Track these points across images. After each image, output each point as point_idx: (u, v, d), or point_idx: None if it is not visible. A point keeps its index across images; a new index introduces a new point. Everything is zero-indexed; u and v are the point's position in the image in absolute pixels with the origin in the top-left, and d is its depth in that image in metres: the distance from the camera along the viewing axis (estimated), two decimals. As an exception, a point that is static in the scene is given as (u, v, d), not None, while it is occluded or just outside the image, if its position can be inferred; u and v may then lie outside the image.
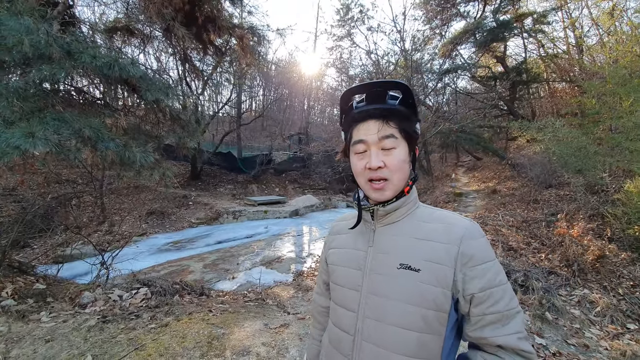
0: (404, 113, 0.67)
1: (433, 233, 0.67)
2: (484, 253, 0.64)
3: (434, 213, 0.72)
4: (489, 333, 0.62)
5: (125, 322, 2.41)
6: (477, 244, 0.65)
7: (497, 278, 0.63)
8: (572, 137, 5.07)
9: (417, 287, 0.63)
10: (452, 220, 0.69)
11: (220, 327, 2.41)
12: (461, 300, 0.63)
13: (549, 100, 13.56)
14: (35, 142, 1.74)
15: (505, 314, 0.62)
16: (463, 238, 0.64)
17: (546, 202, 6.68)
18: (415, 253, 0.66)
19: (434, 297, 0.62)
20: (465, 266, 0.63)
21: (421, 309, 0.62)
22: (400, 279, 0.65)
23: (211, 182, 14.62)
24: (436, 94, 13.49)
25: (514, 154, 11.64)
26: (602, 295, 3.45)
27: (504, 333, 0.61)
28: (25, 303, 2.63)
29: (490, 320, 0.62)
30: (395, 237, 0.70)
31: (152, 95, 2.41)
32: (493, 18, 11.33)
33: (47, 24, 2.07)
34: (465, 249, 0.63)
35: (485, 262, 0.63)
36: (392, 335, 0.63)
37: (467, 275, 0.62)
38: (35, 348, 2.07)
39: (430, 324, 0.62)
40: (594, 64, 9.47)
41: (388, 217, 0.71)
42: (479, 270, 0.62)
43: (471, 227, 0.67)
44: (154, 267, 6.22)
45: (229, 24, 4.00)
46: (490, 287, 0.62)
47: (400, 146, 0.67)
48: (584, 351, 2.68)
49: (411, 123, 0.69)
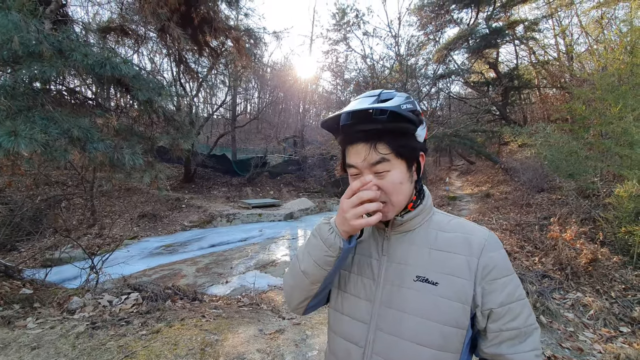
0: (396, 129, 0.61)
1: (452, 244, 0.64)
2: (504, 266, 0.62)
3: (451, 221, 0.69)
4: (506, 350, 0.59)
5: (115, 329, 2.34)
6: (498, 256, 0.62)
7: (516, 293, 0.61)
8: (562, 142, 5.16)
9: (435, 302, 0.60)
10: (471, 230, 0.66)
11: (214, 333, 2.35)
12: (479, 315, 0.61)
13: (540, 106, 13.82)
14: (18, 140, 1.67)
15: (524, 331, 0.60)
16: (484, 250, 0.62)
17: (539, 206, 6.77)
18: (433, 265, 0.63)
19: (453, 312, 0.59)
20: (484, 280, 0.60)
21: (440, 325, 0.59)
22: (417, 293, 0.62)
23: (205, 185, 14.47)
24: (430, 99, 13.64)
25: (507, 159, 11.82)
26: (595, 298, 3.48)
27: (521, 350, 0.59)
28: (11, 309, 2.54)
29: (507, 337, 0.60)
30: (411, 247, 0.66)
31: (145, 95, 2.35)
32: (486, 25, 11.55)
33: (38, 21, 2.02)
34: (486, 261, 0.61)
35: (505, 275, 0.61)
36: (407, 351, 0.60)
37: (486, 289, 0.60)
38: (20, 356, 1.99)
39: (448, 340, 0.59)
40: (584, 71, 9.69)
41: (404, 225, 0.68)
42: (499, 284, 0.60)
43: (491, 238, 0.64)
44: (145, 271, 6.09)
45: (225, 25, 3.98)
46: (510, 302, 0.60)
47: (395, 168, 0.62)
48: (578, 354, 2.69)
49: (407, 137, 0.63)
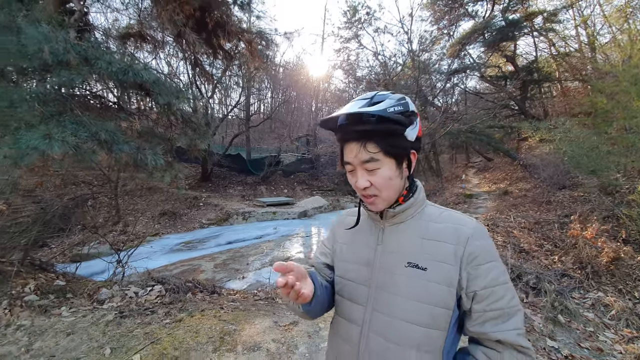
0: (385, 130, 0.67)
1: (440, 233, 0.70)
2: (489, 253, 0.67)
3: (442, 213, 0.75)
4: (489, 329, 0.65)
5: (141, 318, 2.50)
6: (483, 244, 0.67)
7: (499, 277, 0.66)
8: (583, 137, 4.97)
9: (425, 285, 0.66)
10: (460, 221, 0.71)
11: (232, 324, 2.47)
12: (464, 297, 0.66)
13: (562, 100, 13.28)
14: (52, 143, 1.83)
15: (506, 311, 0.65)
16: (470, 238, 0.67)
17: (559, 204, 6.55)
18: (423, 252, 0.69)
19: (441, 294, 0.65)
20: (469, 265, 0.66)
21: (429, 306, 0.65)
22: (408, 277, 0.68)
23: (221, 184, 14.82)
24: (445, 95, 13.39)
25: (526, 155, 11.45)
26: (617, 298, 3.38)
27: (503, 329, 0.64)
28: (47, 298, 2.75)
29: (491, 317, 0.65)
30: (403, 237, 0.73)
31: (164, 99, 2.50)
32: (502, 17, 11.20)
33: (65, 32, 2.18)
34: (472, 249, 0.66)
35: (489, 261, 0.66)
36: (400, 329, 0.67)
37: (471, 274, 0.65)
38: (57, 341, 2.17)
39: (437, 320, 0.65)
40: (607, 62, 9.23)
41: (396, 217, 0.74)
42: (483, 269, 0.65)
43: (478, 228, 0.69)
44: (167, 266, 6.34)
45: (238, 29, 4.10)
46: (493, 286, 0.65)
47: (384, 165, 0.68)
48: (597, 354, 2.63)
49: (396, 138, 0.68)
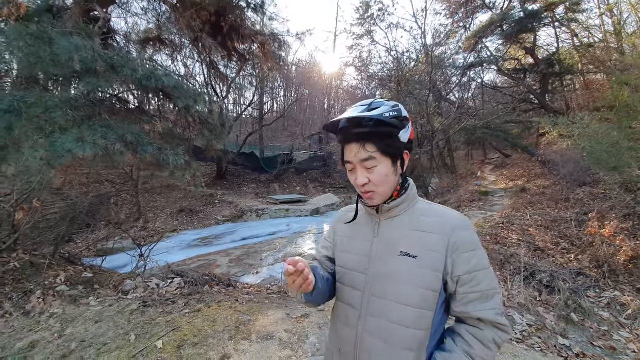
0: (382, 133, 0.75)
1: (429, 225, 0.78)
2: (471, 242, 0.75)
3: (431, 208, 0.83)
4: (471, 308, 0.74)
5: (163, 307, 2.68)
6: (466, 234, 0.76)
7: (480, 263, 0.74)
8: (602, 132, 4.79)
9: (416, 271, 0.75)
10: (445, 215, 0.80)
11: (247, 315, 2.61)
12: (449, 281, 0.75)
13: (585, 93, 12.73)
14: (85, 146, 2.01)
15: (486, 293, 0.74)
16: (454, 230, 0.75)
17: (579, 201, 6.36)
18: (414, 242, 0.77)
19: (429, 279, 0.74)
20: (454, 253, 0.74)
21: (420, 289, 0.74)
22: (401, 265, 0.77)
23: (235, 182, 15.15)
24: (461, 89, 13.11)
25: (545, 151, 11.08)
26: (634, 297, 3.30)
27: (483, 309, 0.73)
28: (76, 289, 2.98)
29: (473, 298, 0.74)
30: (397, 229, 0.81)
31: (183, 102, 2.65)
32: (521, 8, 10.83)
33: (93, 42, 2.36)
34: (455, 239, 0.74)
35: (471, 250, 0.74)
36: (394, 310, 0.76)
37: (456, 261, 0.74)
38: (86, 327, 2.37)
39: (426, 301, 0.74)
40: (635, 52, 8.78)
41: (391, 211, 0.83)
42: (466, 256, 0.74)
43: (461, 221, 0.78)
44: (185, 261, 6.60)
45: (251, 31, 4.22)
46: (474, 271, 0.73)
47: (381, 164, 0.76)
48: (610, 353, 2.61)
49: (392, 139, 0.77)
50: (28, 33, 2.09)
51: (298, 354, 2.09)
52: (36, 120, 2.04)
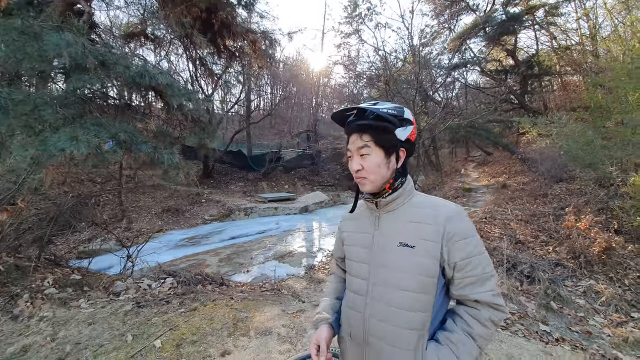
0: (379, 126, 0.84)
1: (424, 217, 0.84)
2: (465, 231, 0.81)
3: (426, 200, 0.90)
4: (468, 291, 0.80)
5: (158, 307, 2.66)
6: (459, 224, 0.81)
7: (475, 250, 0.80)
8: (578, 131, 5.08)
9: (413, 260, 0.82)
10: (439, 206, 0.86)
11: (243, 312, 2.63)
12: (446, 267, 0.81)
13: (562, 94, 13.33)
14: (79, 144, 1.96)
15: (481, 277, 0.80)
16: (447, 220, 0.81)
17: (556, 196, 6.69)
18: (411, 233, 0.84)
19: (426, 266, 0.80)
20: (449, 241, 0.80)
21: (417, 275, 0.81)
22: (399, 254, 0.84)
23: (222, 180, 14.96)
24: (445, 89, 13.44)
25: (525, 149, 11.55)
26: (607, 285, 3.54)
27: (479, 291, 0.79)
28: (65, 291, 2.91)
29: (469, 282, 0.80)
30: (395, 222, 0.88)
31: (177, 100, 2.62)
32: (503, 11, 11.21)
33: (84, 38, 2.29)
34: (449, 228, 0.80)
35: (465, 237, 0.80)
36: (395, 296, 0.83)
37: (451, 249, 0.79)
38: (80, 329, 2.33)
39: (424, 286, 0.80)
40: (609, 55, 9.26)
41: (388, 205, 0.89)
42: (461, 244, 0.80)
43: (454, 211, 0.84)
44: (173, 261, 6.47)
45: (242, 29, 4.19)
46: (470, 257, 0.79)
47: (374, 153, 0.85)
48: (586, 337, 2.80)
49: (387, 133, 0.85)
50: (13, 27, 2.02)
51: (297, 348, 2.14)
52: (24, 118, 1.97)
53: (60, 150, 1.93)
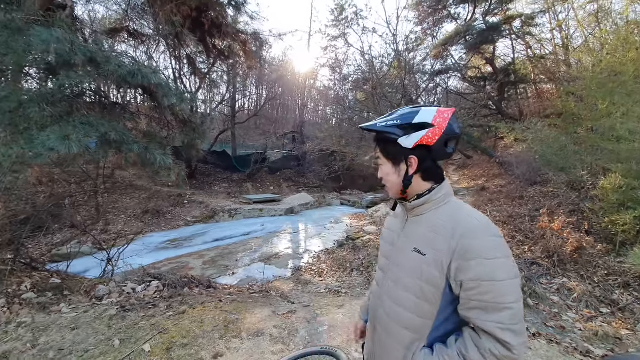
0: (382, 138, 0.90)
1: (443, 228, 0.81)
2: (482, 250, 0.74)
3: (455, 211, 0.84)
4: (473, 315, 0.75)
5: (144, 311, 2.60)
6: (477, 241, 0.75)
7: (490, 274, 0.72)
8: (552, 137, 5.39)
9: (421, 267, 0.84)
10: (461, 220, 0.81)
11: (234, 314, 2.62)
12: (452, 283, 0.78)
13: (536, 101, 14.03)
14: (71, 144, 1.90)
15: (491, 305, 0.72)
16: (462, 236, 0.76)
17: (531, 199, 7.04)
18: (426, 241, 0.84)
19: (431, 276, 0.81)
20: (460, 258, 0.75)
21: (420, 282, 0.84)
22: (411, 259, 0.87)
23: (206, 181, 14.66)
24: (428, 94, 13.83)
25: (502, 153, 12.06)
26: (579, 283, 3.77)
27: (485, 319, 0.73)
28: (44, 296, 2.78)
29: (475, 306, 0.74)
30: (417, 227, 0.90)
31: (169, 100, 2.58)
32: (483, 20, 11.69)
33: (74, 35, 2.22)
34: (463, 244, 0.75)
35: (481, 258, 0.73)
36: (399, 295, 0.89)
37: (461, 266, 0.75)
38: (62, 335, 2.24)
39: (425, 293, 0.83)
40: (580, 65, 9.85)
41: (414, 210, 0.91)
42: (473, 263, 0.73)
43: (476, 227, 0.78)
44: (154, 264, 6.27)
45: (233, 29, 4.16)
46: (479, 280, 0.72)
47: (384, 164, 0.92)
48: (560, 332, 2.98)
49: (391, 144, 0.88)
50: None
51: (290, 348, 2.16)
52: (9, 115, 1.88)
53: (50, 150, 1.85)
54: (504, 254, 0.75)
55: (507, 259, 0.75)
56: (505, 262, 0.75)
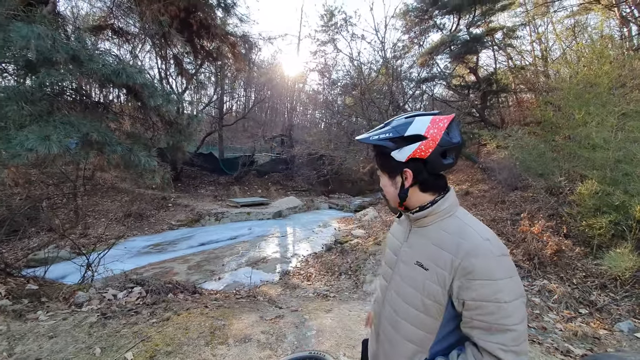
0: (377, 151, 0.90)
1: (447, 243, 0.79)
2: (486, 271, 0.71)
3: (459, 226, 0.81)
4: (475, 334, 0.73)
5: (126, 318, 2.50)
6: (481, 261, 0.72)
7: (493, 296, 0.70)
8: (532, 144, 5.61)
9: (423, 281, 0.82)
10: (466, 237, 0.77)
11: (220, 319, 2.56)
12: (455, 301, 0.77)
13: (517, 110, 14.57)
14: (51, 144, 1.82)
15: (494, 326, 0.70)
16: (466, 254, 0.74)
17: (512, 203, 7.28)
18: (429, 256, 0.82)
19: (433, 291, 0.79)
20: (464, 277, 0.73)
21: (421, 296, 0.83)
22: (414, 272, 0.86)
23: (191, 184, 14.39)
24: (414, 101, 14.14)
25: (485, 159, 12.42)
26: (559, 284, 3.91)
27: (487, 339, 0.71)
28: (20, 303, 2.64)
29: (477, 325, 0.73)
30: (421, 239, 0.87)
31: (155, 101, 2.52)
32: (467, 31, 12.10)
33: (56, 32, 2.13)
34: (466, 263, 0.73)
35: (484, 279, 0.71)
36: (402, 307, 0.88)
37: (464, 285, 0.73)
38: (40, 344, 2.13)
39: (427, 308, 0.81)
40: (558, 76, 10.33)
41: (418, 222, 0.89)
42: (476, 284, 0.71)
43: (481, 246, 0.74)
44: (136, 269, 6.06)
45: (222, 31, 4.13)
46: (482, 301, 0.71)
47: (382, 176, 0.92)
48: (542, 332, 3.07)
49: (384, 157, 0.87)
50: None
51: (278, 353, 2.12)
52: (-17, 113, 1.79)
53: (28, 150, 1.76)
54: (509, 274, 0.73)
55: (511, 279, 0.73)
56: (510, 282, 0.72)
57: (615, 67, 5.07)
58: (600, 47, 5.65)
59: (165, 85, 10.46)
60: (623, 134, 4.49)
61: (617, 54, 6.60)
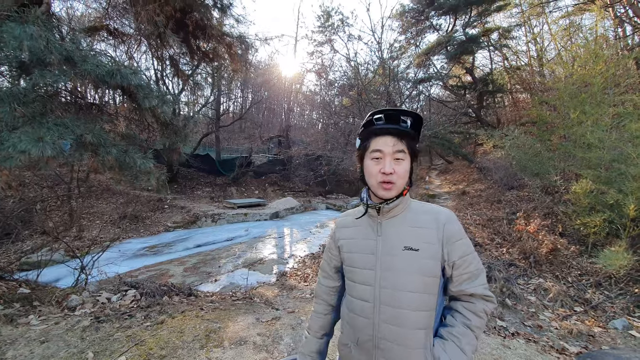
0: (412, 135, 0.90)
1: (425, 222, 0.91)
2: (459, 232, 0.90)
3: (423, 206, 0.96)
4: (465, 286, 0.89)
5: (120, 322, 2.47)
6: (455, 227, 0.90)
7: (468, 249, 0.90)
8: (528, 144, 5.64)
9: (418, 262, 0.87)
10: (437, 212, 0.93)
11: (215, 322, 2.54)
12: (446, 267, 0.89)
13: (512, 109, 14.67)
14: (45, 146, 1.79)
15: (475, 273, 0.90)
16: (445, 224, 0.89)
17: (508, 202, 7.32)
18: (414, 237, 0.89)
19: (430, 267, 0.87)
20: (448, 243, 0.88)
21: (422, 277, 0.86)
22: (405, 257, 0.88)
23: (188, 185, 14.32)
24: (411, 101, 14.18)
25: (481, 159, 12.48)
26: (554, 283, 3.93)
27: (474, 285, 0.89)
28: (11, 307, 2.60)
29: (465, 278, 0.89)
30: (398, 227, 0.92)
31: (150, 102, 2.49)
32: (463, 32, 12.17)
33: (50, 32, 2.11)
34: (447, 231, 0.89)
35: (461, 239, 0.90)
36: (403, 298, 0.87)
37: (450, 249, 0.88)
38: (31, 349, 2.10)
39: (428, 286, 0.87)
40: (553, 76, 10.40)
41: (390, 212, 0.93)
42: (458, 244, 0.89)
43: (450, 215, 0.92)
44: (131, 272, 6.01)
45: (218, 32, 4.11)
46: (465, 255, 0.89)
47: (406, 159, 0.89)
48: (538, 331, 3.09)
49: (415, 143, 0.92)
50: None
51: (274, 356, 2.11)
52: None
53: (21, 152, 1.73)
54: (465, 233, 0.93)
55: None
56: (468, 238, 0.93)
57: (610, 67, 5.11)
58: (594, 47, 5.70)
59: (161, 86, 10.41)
60: (617, 133, 4.54)
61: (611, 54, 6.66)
